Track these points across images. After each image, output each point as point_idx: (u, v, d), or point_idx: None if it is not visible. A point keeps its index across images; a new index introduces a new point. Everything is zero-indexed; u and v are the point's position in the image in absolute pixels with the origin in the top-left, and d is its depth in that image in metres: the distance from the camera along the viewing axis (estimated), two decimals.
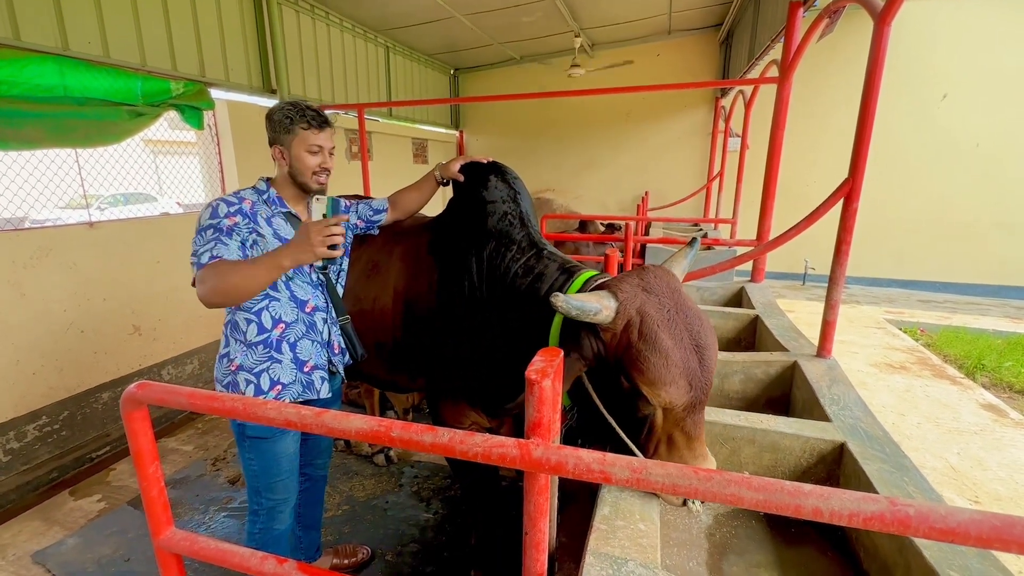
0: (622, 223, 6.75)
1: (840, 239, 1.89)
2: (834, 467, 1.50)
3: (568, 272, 1.48)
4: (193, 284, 1.34)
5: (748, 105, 4.27)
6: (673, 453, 1.18)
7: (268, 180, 1.56)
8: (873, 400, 3.58)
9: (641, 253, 4.88)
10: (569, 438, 1.56)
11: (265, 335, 1.49)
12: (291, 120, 1.45)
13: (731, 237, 4.88)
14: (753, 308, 2.85)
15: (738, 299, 3.29)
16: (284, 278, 1.50)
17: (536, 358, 0.98)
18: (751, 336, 2.76)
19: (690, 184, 7.02)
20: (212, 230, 1.36)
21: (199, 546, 1.24)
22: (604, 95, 6.96)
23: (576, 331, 1.21)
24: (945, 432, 2.99)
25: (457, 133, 8.27)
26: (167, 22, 3.38)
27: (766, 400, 2.11)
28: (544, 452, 0.85)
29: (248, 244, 1.41)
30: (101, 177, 3.24)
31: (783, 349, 2.20)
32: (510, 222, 1.66)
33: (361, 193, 4.31)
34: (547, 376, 0.90)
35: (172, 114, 3.42)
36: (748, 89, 4.52)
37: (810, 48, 2.65)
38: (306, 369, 1.56)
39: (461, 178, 1.78)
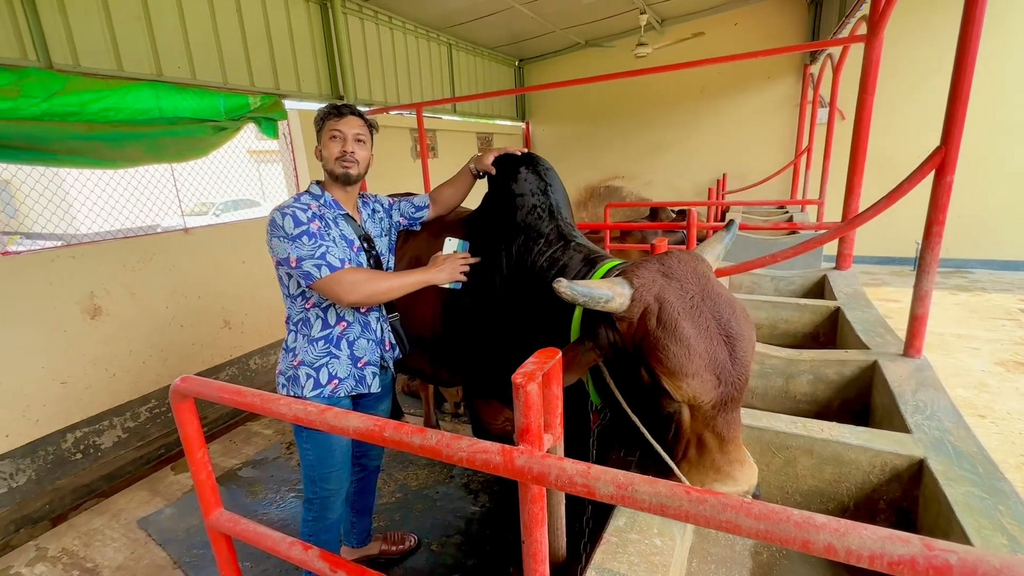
0: (697, 209, 6.36)
1: (931, 219, 1.61)
2: (912, 488, 1.29)
3: (591, 263, 1.40)
4: (310, 285, 1.48)
5: (836, 70, 3.78)
6: (704, 456, 1.07)
7: (320, 183, 1.65)
8: (995, 406, 3.06)
9: None
10: (603, 439, 1.49)
11: (328, 331, 1.61)
12: (322, 117, 1.56)
13: (818, 219, 4.39)
14: (835, 299, 2.54)
15: (820, 289, 2.95)
16: None
17: (529, 359, 0.93)
18: (831, 331, 2.46)
19: (776, 163, 6.41)
20: (307, 236, 1.46)
21: (240, 527, 1.34)
22: (675, 73, 6.56)
23: (593, 321, 1.15)
24: None
25: (523, 125, 8.23)
26: (244, 42, 3.68)
27: (840, 404, 1.87)
28: (527, 461, 0.80)
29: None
30: (216, 186, 3.71)
31: (865, 347, 1.94)
32: (539, 215, 1.61)
33: (422, 191, 4.44)
34: (533, 380, 0.85)
35: (251, 126, 3.73)
36: (837, 53, 4.01)
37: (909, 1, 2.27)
38: (360, 365, 1.66)
39: (494, 171, 1.75)
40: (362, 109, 4.86)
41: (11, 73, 2.45)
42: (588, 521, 1.40)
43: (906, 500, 1.30)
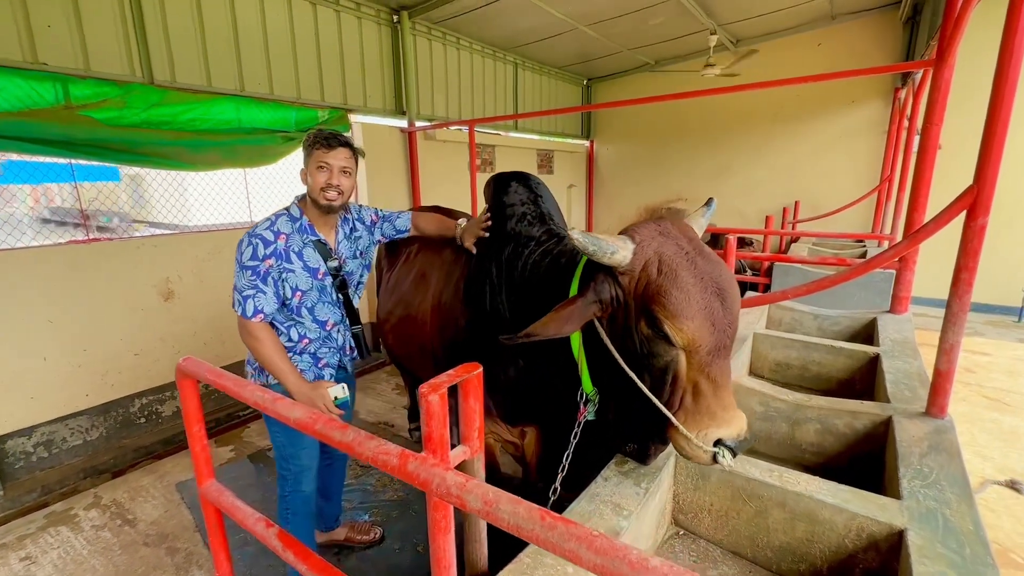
0: (753, 237, 6.01)
1: (960, 265, 1.45)
2: (891, 559, 1.16)
3: None
4: (233, 306, 1.65)
5: (916, 95, 3.46)
6: (699, 402, 1.11)
7: (301, 204, 1.69)
8: None
9: (767, 272, 4.27)
10: (587, 433, 1.44)
11: (291, 344, 1.72)
12: (311, 145, 1.61)
13: None
14: (880, 345, 2.31)
15: (869, 333, 2.70)
16: (308, 305, 1.69)
17: (448, 371, 0.97)
18: (868, 379, 2.25)
19: (858, 192, 5.90)
20: (251, 272, 1.57)
21: (223, 498, 1.48)
22: (745, 95, 6.27)
23: (595, 277, 1.21)
24: None
25: (587, 143, 8.24)
26: (319, 61, 4.05)
27: (851, 460, 1.71)
28: (416, 467, 0.84)
29: (278, 280, 1.61)
30: (289, 191, 4.13)
31: (888, 399, 1.76)
32: (529, 222, 1.67)
33: (469, 207, 4.59)
34: (436, 391, 0.89)
35: None
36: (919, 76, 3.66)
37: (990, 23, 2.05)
38: (320, 366, 1.79)
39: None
40: (421, 124, 5.11)
41: (119, 87, 2.89)
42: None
43: (885, 573, 1.18)
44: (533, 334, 1.17)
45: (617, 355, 1.18)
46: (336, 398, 1.67)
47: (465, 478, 0.79)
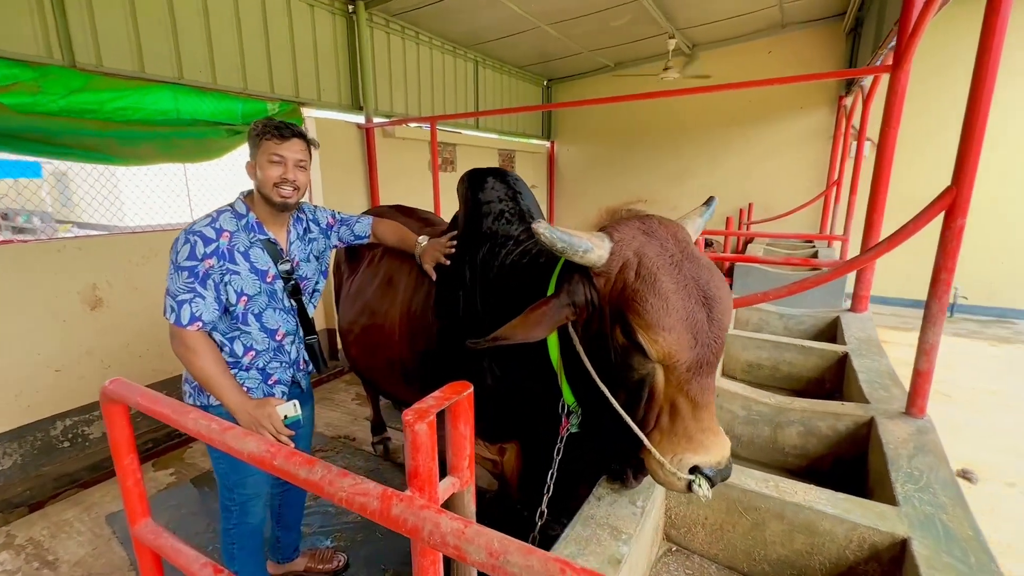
0: (714, 239, 6.16)
1: (939, 266, 1.46)
2: (893, 570, 1.12)
3: None
4: (165, 314, 1.41)
5: (866, 101, 3.61)
6: (676, 423, 1.01)
7: (247, 199, 1.53)
8: None
9: (729, 272, 4.36)
10: (571, 448, 1.35)
11: (235, 359, 1.53)
12: (259, 134, 1.43)
13: (841, 258, 4.16)
14: (845, 343, 2.35)
15: (833, 331, 2.76)
16: (255, 312, 1.50)
17: (435, 392, 0.85)
18: (838, 378, 2.28)
19: (807, 195, 6.16)
20: (188, 274, 1.37)
21: (161, 541, 1.27)
22: (703, 100, 6.44)
23: (571, 277, 1.10)
24: None
25: (548, 144, 8.22)
26: (268, 50, 3.77)
27: (834, 462, 1.70)
28: (403, 511, 0.71)
29: (219, 283, 1.42)
30: (234, 189, 3.80)
31: (865, 399, 1.76)
32: (507, 220, 1.56)
33: (432, 205, 4.43)
34: (423, 418, 0.76)
35: None
36: (870, 84, 3.83)
37: (947, 31, 2.12)
38: (270, 382, 1.60)
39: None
40: (380, 120, 4.89)
41: (32, 70, 2.55)
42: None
43: None
44: (501, 338, 1.06)
45: (589, 365, 1.08)
46: (286, 417, 1.49)
47: (463, 523, 0.67)
